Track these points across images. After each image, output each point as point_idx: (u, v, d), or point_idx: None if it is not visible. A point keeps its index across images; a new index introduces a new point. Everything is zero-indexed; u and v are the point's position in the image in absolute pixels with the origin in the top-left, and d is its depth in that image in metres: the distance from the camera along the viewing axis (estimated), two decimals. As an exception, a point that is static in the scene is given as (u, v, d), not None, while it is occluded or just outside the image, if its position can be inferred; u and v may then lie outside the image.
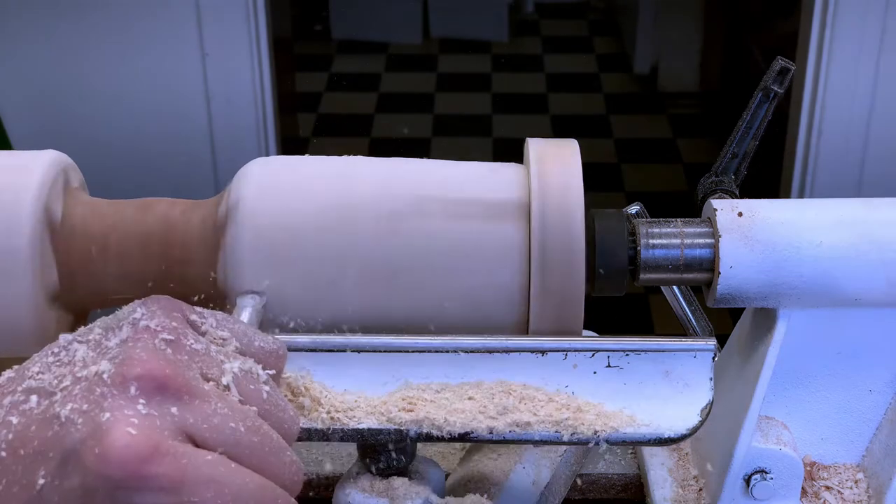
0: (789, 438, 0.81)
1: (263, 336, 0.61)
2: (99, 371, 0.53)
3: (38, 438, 0.51)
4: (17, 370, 0.55)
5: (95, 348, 0.55)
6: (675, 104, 4.02)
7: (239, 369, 0.57)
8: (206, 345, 0.57)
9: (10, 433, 0.52)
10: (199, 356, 0.56)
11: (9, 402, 0.53)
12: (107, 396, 0.52)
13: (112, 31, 2.42)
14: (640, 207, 0.78)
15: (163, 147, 2.52)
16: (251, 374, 0.57)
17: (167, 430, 0.52)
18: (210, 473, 0.52)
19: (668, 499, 0.86)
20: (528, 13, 4.88)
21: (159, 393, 0.52)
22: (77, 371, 0.54)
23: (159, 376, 0.53)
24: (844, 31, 2.35)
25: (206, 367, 0.56)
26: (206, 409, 0.53)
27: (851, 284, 0.74)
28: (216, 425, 0.53)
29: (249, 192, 0.72)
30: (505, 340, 0.70)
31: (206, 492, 0.51)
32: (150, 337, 0.55)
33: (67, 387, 0.53)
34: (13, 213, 0.71)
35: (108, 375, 0.52)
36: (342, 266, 0.71)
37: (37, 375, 0.54)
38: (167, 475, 0.50)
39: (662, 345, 0.70)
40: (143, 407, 0.52)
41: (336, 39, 4.58)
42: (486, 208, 0.72)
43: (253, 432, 0.54)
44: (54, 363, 0.55)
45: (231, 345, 0.59)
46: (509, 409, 0.68)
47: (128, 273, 0.73)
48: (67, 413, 0.51)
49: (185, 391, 0.53)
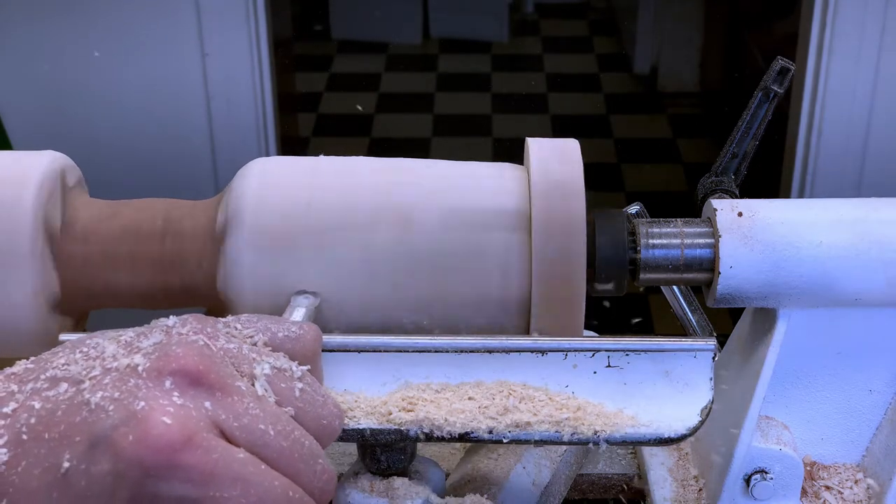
0: (789, 438, 0.81)
1: (286, 324, 0.61)
2: (132, 364, 0.53)
3: (64, 423, 0.51)
4: (35, 361, 0.56)
5: (126, 347, 0.55)
6: (675, 104, 4.02)
7: (271, 367, 0.57)
8: (238, 344, 0.57)
9: (33, 417, 0.52)
10: (231, 355, 0.56)
11: (30, 389, 0.53)
12: (141, 387, 0.52)
13: (112, 31, 2.42)
14: (640, 207, 0.78)
15: (163, 147, 2.52)
16: (284, 371, 0.57)
17: (202, 423, 0.52)
18: (239, 471, 0.52)
19: (668, 499, 0.86)
20: (528, 13, 4.88)
21: (193, 387, 0.53)
22: (107, 363, 0.54)
23: (194, 371, 0.53)
24: (844, 31, 2.34)
25: (239, 365, 0.56)
26: (238, 407, 0.53)
27: (851, 284, 0.74)
28: (246, 425, 0.53)
29: (249, 194, 0.72)
30: (505, 340, 0.70)
31: (233, 489, 0.51)
32: (185, 336, 0.55)
33: (97, 376, 0.53)
34: (13, 216, 0.71)
35: (142, 368, 0.53)
36: (342, 268, 0.71)
37: (62, 366, 0.54)
38: (197, 467, 0.51)
39: (662, 345, 0.70)
40: (177, 398, 0.52)
41: (336, 39, 4.58)
42: (487, 210, 0.72)
43: (283, 437, 0.54)
44: (81, 357, 0.55)
45: (260, 341, 0.59)
46: (509, 409, 0.68)
47: (127, 274, 0.73)
48: (98, 400, 0.52)
49: (219, 387, 0.53)
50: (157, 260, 0.73)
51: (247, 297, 0.71)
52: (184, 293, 0.74)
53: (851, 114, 2.41)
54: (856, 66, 2.37)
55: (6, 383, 0.54)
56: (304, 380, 0.58)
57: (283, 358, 0.58)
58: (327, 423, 0.57)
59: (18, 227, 0.71)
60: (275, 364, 0.57)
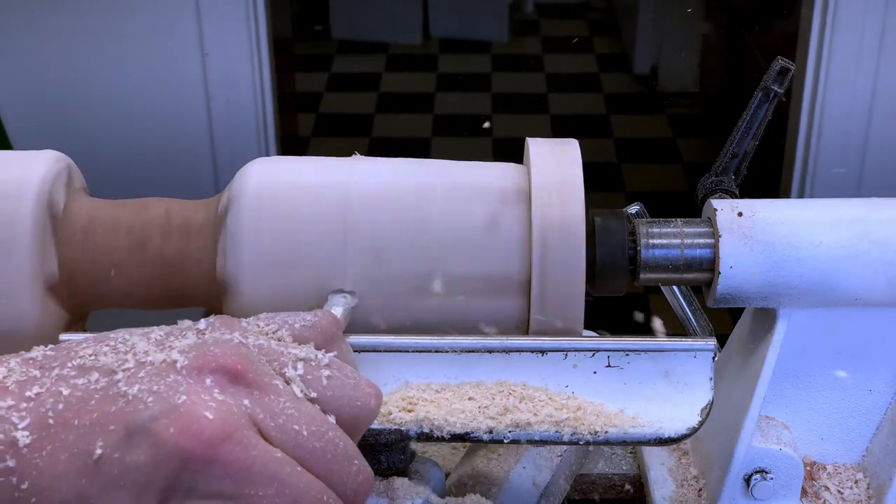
0: (789, 438, 0.81)
1: (301, 315, 0.61)
2: (169, 360, 0.53)
3: (97, 411, 0.51)
4: (55, 349, 0.55)
5: (157, 345, 0.55)
6: (675, 104, 4.02)
7: (296, 358, 0.57)
8: (266, 341, 0.57)
9: (60, 403, 0.52)
10: (264, 352, 0.56)
11: (56, 375, 0.53)
12: (181, 383, 0.52)
13: (112, 31, 2.42)
14: (640, 207, 0.78)
15: (163, 147, 2.52)
16: (310, 361, 0.57)
17: (242, 419, 0.52)
18: (276, 471, 0.52)
19: (668, 499, 0.86)
20: (528, 13, 4.88)
21: (233, 385, 0.53)
22: (139, 357, 0.54)
23: (233, 369, 0.53)
24: (844, 31, 2.34)
25: (271, 362, 0.56)
26: (275, 406, 0.54)
27: (851, 284, 0.74)
28: (281, 424, 0.53)
29: (249, 194, 0.72)
30: (505, 340, 0.70)
31: (269, 488, 0.51)
32: (220, 336, 0.56)
33: (130, 369, 0.53)
34: (14, 214, 0.71)
35: (181, 365, 0.53)
36: (342, 266, 0.71)
37: (89, 357, 0.54)
38: (235, 464, 0.51)
39: (662, 345, 0.70)
40: (218, 394, 0.52)
41: (336, 39, 4.58)
42: (488, 212, 0.72)
43: (316, 437, 0.54)
44: (110, 350, 0.55)
45: (285, 336, 0.59)
46: (509, 409, 0.68)
47: (127, 273, 0.73)
48: (135, 392, 0.52)
49: (256, 386, 0.53)
50: (156, 259, 0.73)
51: (246, 296, 0.71)
52: (183, 293, 0.74)
53: (851, 114, 2.41)
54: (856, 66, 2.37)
55: (25, 367, 0.54)
56: (331, 367, 0.57)
57: (307, 348, 0.58)
58: (361, 404, 0.57)
59: (19, 225, 0.71)
60: (300, 355, 0.57)
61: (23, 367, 0.54)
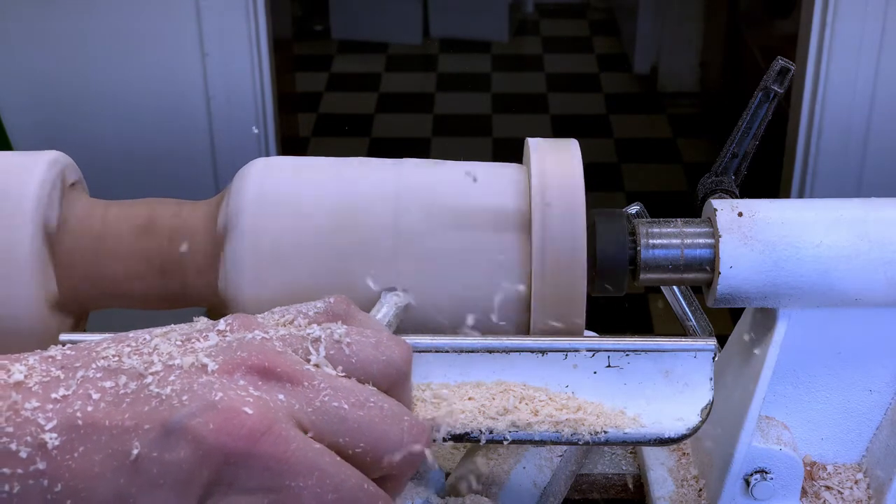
0: (789, 438, 0.81)
1: (314, 304, 0.61)
2: (198, 363, 0.53)
3: (129, 412, 0.51)
4: (75, 348, 0.55)
5: (180, 348, 0.55)
6: (675, 104, 4.02)
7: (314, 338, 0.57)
8: (286, 330, 0.58)
9: (89, 405, 0.52)
10: (287, 342, 0.56)
11: (81, 376, 0.53)
12: (215, 382, 0.52)
13: (112, 31, 2.42)
14: (640, 207, 0.78)
15: (163, 147, 2.52)
16: (329, 338, 0.57)
17: (280, 413, 0.52)
18: (315, 461, 0.52)
19: (668, 499, 0.86)
20: (528, 13, 4.88)
21: (265, 383, 0.53)
22: (165, 360, 0.54)
23: (262, 367, 0.53)
24: (844, 31, 2.34)
25: (295, 346, 0.56)
26: (310, 392, 0.54)
27: (851, 284, 0.74)
28: (319, 407, 0.53)
29: (249, 195, 0.72)
30: (505, 340, 0.70)
31: (309, 479, 0.52)
32: (242, 336, 0.56)
33: (159, 372, 0.53)
34: (13, 215, 0.71)
35: (211, 368, 0.53)
36: (344, 269, 0.71)
37: (112, 358, 0.54)
38: (276, 456, 0.51)
39: (662, 345, 0.70)
40: (254, 391, 0.52)
41: (336, 39, 4.58)
42: (488, 213, 0.72)
43: (359, 407, 0.54)
44: (133, 352, 0.55)
45: (303, 323, 0.59)
46: (509, 410, 0.68)
47: (126, 273, 0.73)
48: (168, 392, 0.52)
49: (287, 378, 0.54)
50: (156, 260, 0.73)
51: (247, 297, 0.71)
52: (183, 293, 0.74)
53: (851, 114, 2.41)
54: (856, 66, 2.37)
55: (47, 366, 0.54)
56: (349, 334, 0.57)
57: (320, 327, 0.58)
58: (387, 359, 0.57)
59: (18, 226, 0.71)
60: (316, 335, 0.57)
61: (43, 365, 0.54)
